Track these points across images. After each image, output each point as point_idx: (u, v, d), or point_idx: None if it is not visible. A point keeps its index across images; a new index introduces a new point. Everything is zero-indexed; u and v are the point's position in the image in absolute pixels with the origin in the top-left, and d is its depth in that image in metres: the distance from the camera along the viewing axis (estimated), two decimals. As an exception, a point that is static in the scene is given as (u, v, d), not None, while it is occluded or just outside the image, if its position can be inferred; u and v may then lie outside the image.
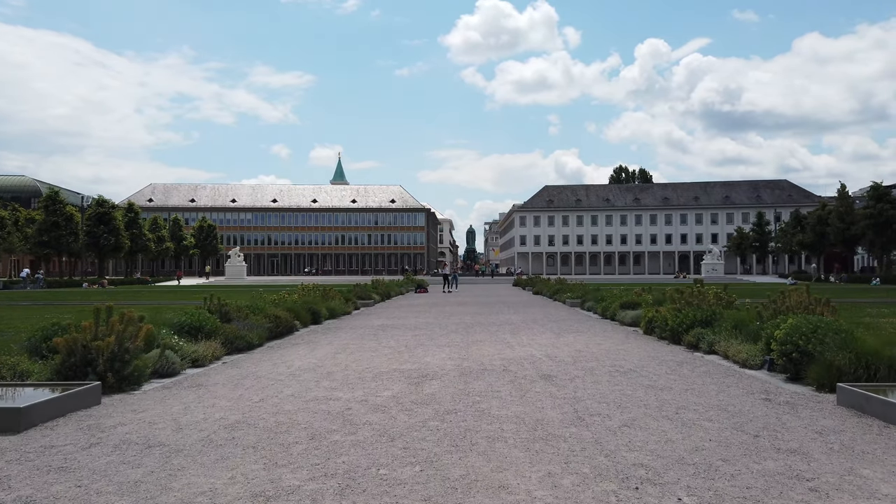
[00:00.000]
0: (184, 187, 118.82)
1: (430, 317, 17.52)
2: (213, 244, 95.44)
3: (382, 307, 22.56)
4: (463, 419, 5.30)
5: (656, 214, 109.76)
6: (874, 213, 59.11)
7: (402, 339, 11.75)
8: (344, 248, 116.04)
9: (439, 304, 24.40)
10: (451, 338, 11.94)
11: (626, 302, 16.03)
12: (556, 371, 7.93)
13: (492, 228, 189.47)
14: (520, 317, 17.38)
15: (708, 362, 8.90)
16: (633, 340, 11.57)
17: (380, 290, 28.51)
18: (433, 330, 13.55)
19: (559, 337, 12.06)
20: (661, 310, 12.02)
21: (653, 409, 5.70)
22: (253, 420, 5.37)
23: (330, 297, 19.35)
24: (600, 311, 17.83)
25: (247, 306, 13.10)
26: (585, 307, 20.56)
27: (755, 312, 10.44)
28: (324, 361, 9.02)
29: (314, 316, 15.70)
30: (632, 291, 18.50)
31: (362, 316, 18.39)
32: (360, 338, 12.20)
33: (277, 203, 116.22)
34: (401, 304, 24.80)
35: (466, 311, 19.63)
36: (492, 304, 23.56)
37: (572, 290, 25.76)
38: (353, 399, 6.22)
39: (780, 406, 5.90)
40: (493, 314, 18.43)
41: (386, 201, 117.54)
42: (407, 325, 15.02)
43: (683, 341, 10.81)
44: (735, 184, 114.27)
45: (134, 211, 75.55)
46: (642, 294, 17.06)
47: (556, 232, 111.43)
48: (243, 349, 10.62)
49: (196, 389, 6.91)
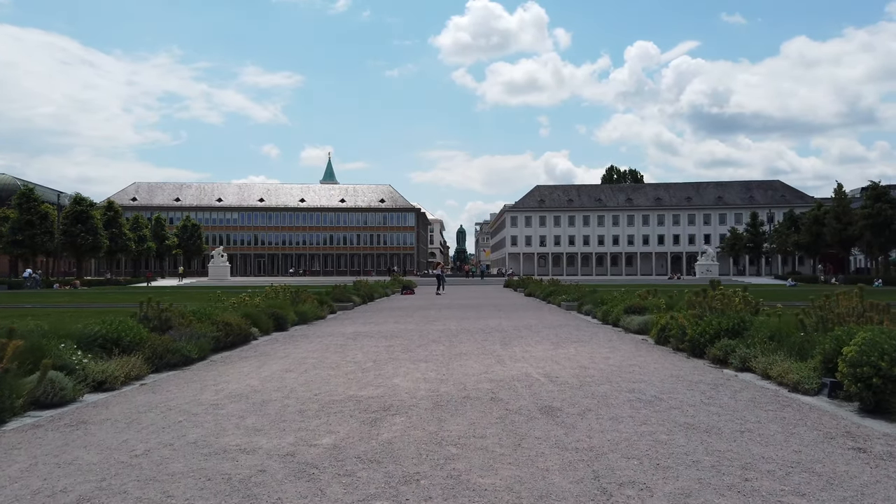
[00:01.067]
0: (168, 186, 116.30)
1: (411, 322, 15.69)
2: (197, 244, 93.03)
3: (362, 311, 20.70)
4: (427, 495, 3.47)
5: (649, 215, 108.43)
6: (872, 213, 57.84)
7: (373, 352, 9.91)
8: (332, 248, 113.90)
9: (424, 307, 22.57)
10: (430, 349, 10.11)
11: (632, 306, 14.26)
12: (560, 399, 6.12)
13: (483, 229, 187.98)
14: (511, 322, 15.58)
15: (746, 384, 7.12)
16: (646, 353, 9.78)
17: (362, 291, 26.64)
18: (412, 339, 11.71)
19: (558, 348, 10.26)
20: (678, 316, 10.24)
21: (707, 471, 3.90)
22: (103, 499, 3.52)
23: (301, 300, 17.48)
24: (600, 315, 16.07)
25: (193, 312, 11.22)
26: (583, 311, 18.80)
27: (795, 320, 8.69)
28: (266, 383, 7.16)
29: (278, 322, 13.83)
30: (634, 294, 16.74)
31: (336, 321, 16.53)
32: (324, 349, 10.35)
33: (264, 202, 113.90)
34: (383, 307, 22.95)
35: (453, 316, 17.81)
36: (481, 308, 21.76)
37: (567, 292, 24.00)
38: (275, 451, 4.37)
39: (884, 462, 4.12)
40: (481, 319, 16.62)
41: (375, 201, 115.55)
42: (383, 332, 13.18)
43: (707, 355, 9.05)
44: (728, 184, 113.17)
45: (114, 209, 73.10)
46: (648, 297, 15.30)
47: (548, 232, 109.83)
48: (177, 365, 8.75)
49: (69, 431, 5.04)
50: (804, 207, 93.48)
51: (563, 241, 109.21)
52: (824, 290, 31.84)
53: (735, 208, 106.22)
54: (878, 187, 58.86)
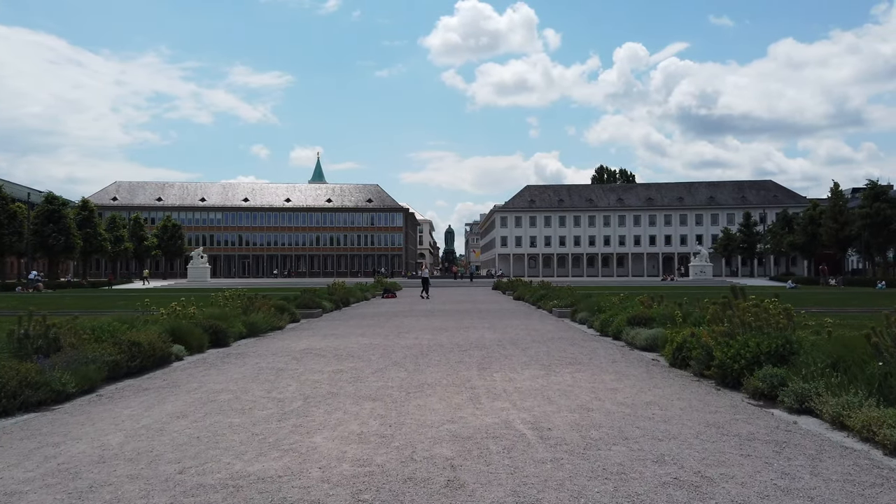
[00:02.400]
0: (150, 186, 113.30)
1: (379, 335, 13.48)
2: (178, 245, 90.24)
3: (330, 319, 18.47)
4: None
5: (640, 215, 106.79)
6: (870, 213, 56.25)
7: (311, 381, 7.71)
8: (319, 249, 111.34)
9: (401, 313, 20.37)
10: (387, 378, 7.92)
11: (637, 316, 12.13)
12: (556, 483, 3.95)
13: (472, 230, 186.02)
14: (495, 334, 13.42)
15: (821, 442, 4.98)
16: (663, 382, 7.65)
17: (336, 295, 24.42)
18: (370, 360, 9.51)
19: (550, 374, 8.10)
20: (701, 333, 8.11)
21: None
22: None
23: (256, 308, 15.25)
24: (598, 325, 13.95)
25: (95, 328, 8.98)
26: (577, 319, 16.67)
27: (859, 340, 6.59)
28: (129, 443, 4.94)
29: (217, 337, 11.58)
30: (635, 300, 14.64)
31: (293, 333, 14.29)
32: (252, 377, 8.13)
33: (249, 202, 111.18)
34: (355, 313, 20.73)
35: (429, 326, 15.63)
36: (464, 314, 19.59)
37: (559, 297, 21.88)
38: None
39: None
40: (461, 330, 14.44)
41: (362, 201, 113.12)
42: (340, 349, 10.98)
43: (745, 387, 6.93)
44: (719, 184, 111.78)
45: (88, 209, 70.26)
46: (653, 305, 13.19)
47: (538, 233, 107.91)
48: (45, 403, 6.53)
49: None
50: (797, 208, 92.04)
51: (554, 241, 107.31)
52: (828, 293, 29.90)
53: (727, 208, 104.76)
54: (876, 186, 57.30)
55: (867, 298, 27.70)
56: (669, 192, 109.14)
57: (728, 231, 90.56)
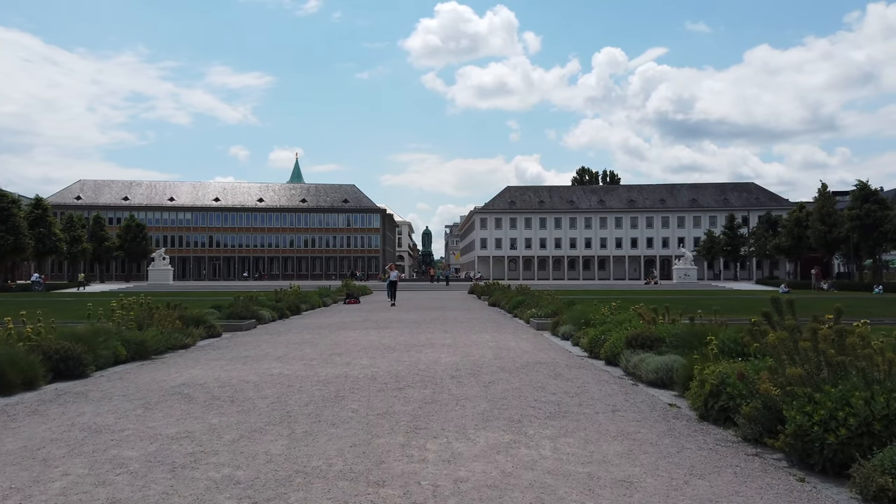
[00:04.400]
0: (116, 184, 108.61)
1: (301, 358, 10.35)
2: (142, 246, 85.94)
3: (261, 332, 15.28)
4: None
5: (622, 217, 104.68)
6: (860, 215, 54.28)
7: (109, 468, 4.59)
8: (293, 251, 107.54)
9: (351, 324, 17.26)
10: (248, 455, 4.83)
11: (639, 336, 9.15)
12: None
13: (452, 231, 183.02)
14: (455, 357, 10.38)
15: None
16: (705, 462, 4.63)
17: (285, 301, 21.23)
18: (251, 410, 6.39)
19: (519, 444, 5.06)
20: (761, 380, 5.11)
21: None
22: None
23: (156, 321, 12.05)
24: (586, 344, 10.99)
25: None
26: (559, 333, 13.69)
27: None
28: None
29: (66, 366, 8.38)
30: (632, 310, 11.63)
31: (194, 355, 11.10)
32: (35, 449, 4.99)
33: (220, 202, 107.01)
34: (297, 325, 17.56)
35: (376, 343, 12.54)
36: (426, 325, 16.53)
37: (539, 304, 18.90)
38: None
39: None
40: (412, 350, 11.37)
41: (338, 201, 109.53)
42: (228, 386, 7.86)
43: (855, 479, 3.98)
44: (701, 186, 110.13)
45: (42, 207, 66.07)
46: (658, 318, 10.22)
47: (518, 235, 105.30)
48: None
49: None
50: (779, 210, 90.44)
51: (535, 243, 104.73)
52: (832, 299, 27.25)
53: (709, 211, 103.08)
54: (866, 187, 55.38)
55: (872, 306, 25.15)
56: (651, 194, 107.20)
57: (711, 233, 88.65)
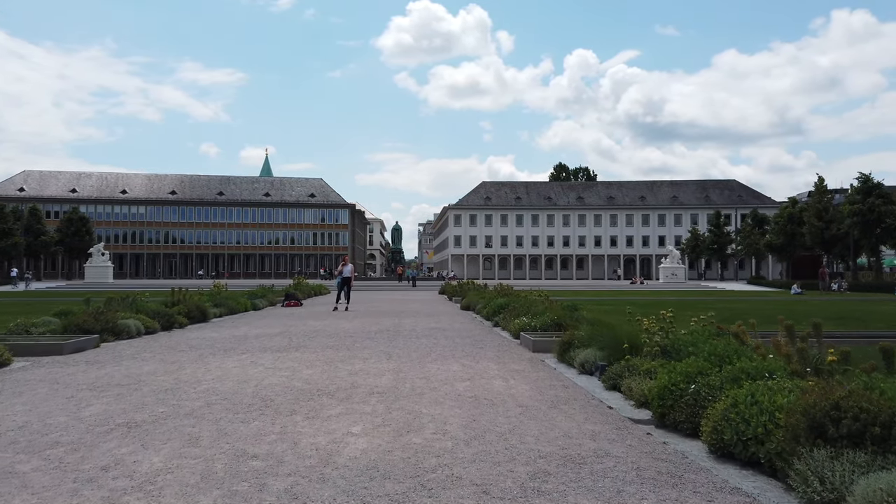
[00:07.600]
0: (64, 175, 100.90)
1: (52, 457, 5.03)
2: (85, 240, 78.78)
3: (102, 354, 9.84)
4: None
5: (601, 214, 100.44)
6: (862, 210, 50.42)
7: None
8: (256, 248, 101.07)
9: (244, 342, 11.88)
10: None
11: (838, 406, 4.00)
12: None
13: (426, 230, 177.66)
14: (381, 434, 5.21)
15: None
16: None
17: (185, 305, 15.76)
18: None
19: None
20: None
21: None
22: None
23: None
24: (641, 393, 5.88)
25: None
26: (576, 361, 8.50)
27: None
28: None
29: None
30: (721, 328, 6.54)
31: None
32: None
33: (177, 195, 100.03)
34: (158, 345, 12.08)
35: (231, 397, 7.27)
36: (361, 345, 11.26)
37: (531, 311, 13.61)
38: None
39: None
40: (299, 414, 6.13)
41: (304, 196, 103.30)
42: None
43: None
44: (682, 183, 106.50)
45: (-35, 197, 59.02)
46: (780, 347, 5.14)
47: (494, 232, 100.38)
48: None
49: None
50: (763, 208, 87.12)
51: (511, 241, 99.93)
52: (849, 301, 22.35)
53: (691, 208, 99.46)
54: (868, 180, 51.53)
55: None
56: (631, 191, 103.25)
57: (696, 231, 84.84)
